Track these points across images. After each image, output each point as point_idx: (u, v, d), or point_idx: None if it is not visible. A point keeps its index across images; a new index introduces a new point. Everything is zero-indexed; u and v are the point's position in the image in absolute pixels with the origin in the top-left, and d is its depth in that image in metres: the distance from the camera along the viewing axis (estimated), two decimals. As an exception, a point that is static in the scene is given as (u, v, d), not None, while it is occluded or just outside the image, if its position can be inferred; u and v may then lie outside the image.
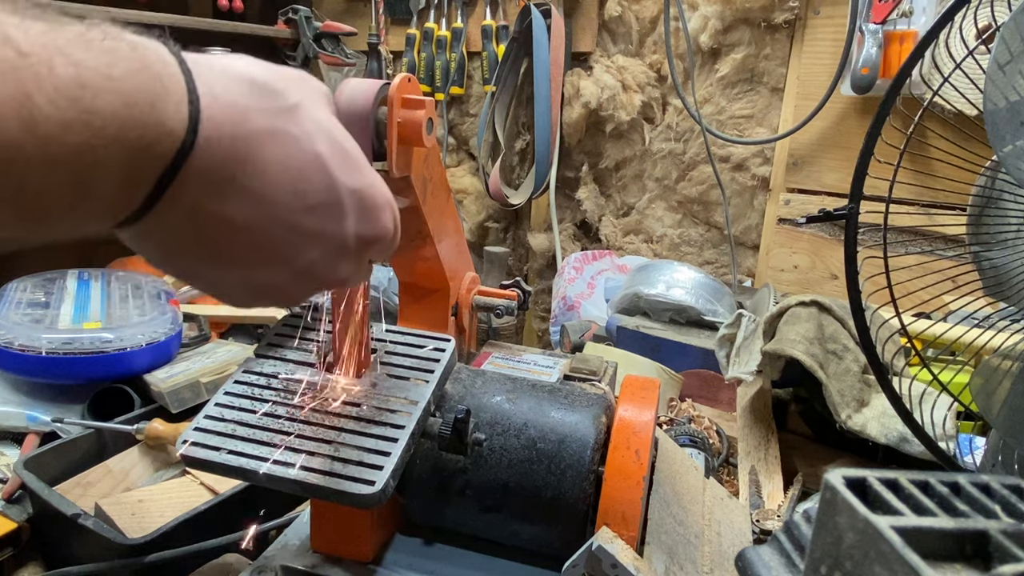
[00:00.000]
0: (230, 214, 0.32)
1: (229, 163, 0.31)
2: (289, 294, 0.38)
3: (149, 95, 0.28)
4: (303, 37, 1.95)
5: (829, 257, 1.57)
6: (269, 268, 0.35)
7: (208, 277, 0.36)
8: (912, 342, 0.68)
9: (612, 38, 1.81)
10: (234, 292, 0.37)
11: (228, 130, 0.31)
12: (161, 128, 0.29)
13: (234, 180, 0.32)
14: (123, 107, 0.27)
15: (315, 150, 0.34)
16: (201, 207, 0.32)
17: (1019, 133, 0.54)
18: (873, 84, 1.35)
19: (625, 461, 0.52)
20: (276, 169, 0.33)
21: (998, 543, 0.21)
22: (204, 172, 0.31)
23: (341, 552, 0.56)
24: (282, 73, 0.35)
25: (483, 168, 1.95)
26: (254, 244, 0.34)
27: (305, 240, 0.35)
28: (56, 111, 0.25)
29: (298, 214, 0.34)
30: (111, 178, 0.28)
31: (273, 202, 0.33)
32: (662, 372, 1.09)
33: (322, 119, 0.36)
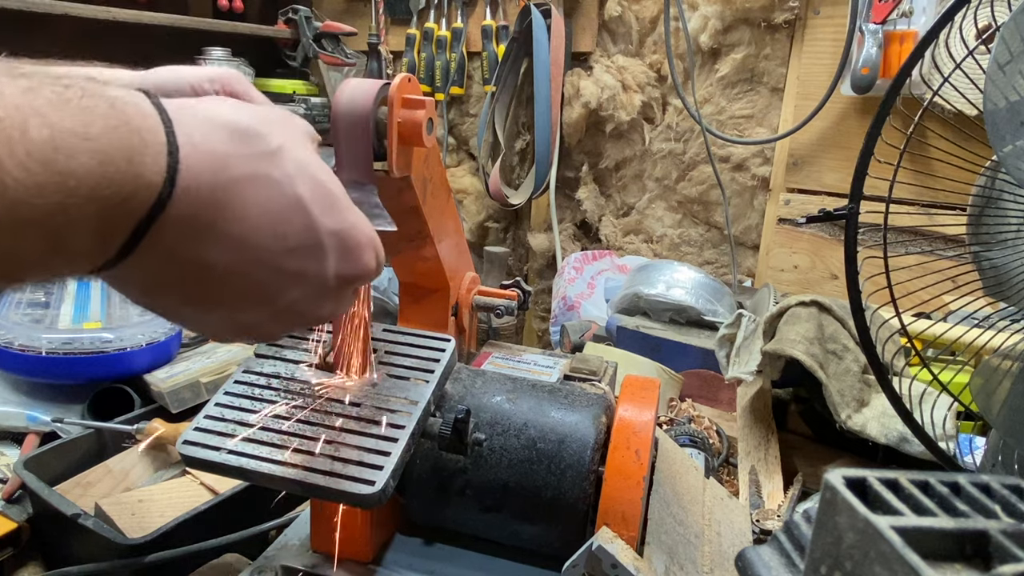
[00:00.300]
0: (210, 259, 0.33)
1: (208, 210, 0.32)
2: (270, 332, 0.39)
3: (126, 151, 0.28)
4: (303, 37, 1.95)
5: (829, 257, 1.57)
6: (250, 309, 0.36)
7: (189, 317, 0.36)
8: (912, 342, 0.68)
9: (612, 38, 1.81)
10: (216, 330, 0.37)
11: (207, 178, 0.31)
12: (139, 181, 0.29)
13: (213, 227, 0.32)
14: (98, 165, 0.27)
15: (295, 193, 0.35)
16: (179, 253, 0.32)
17: (1019, 133, 0.54)
18: (873, 84, 1.35)
19: (625, 461, 0.52)
20: (256, 213, 0.33)
21: (998, 543, 0.21)
22: (182, 220, 0.31)
23: (341, 552, 0.56)
24: (265, 116, 0.36)
25: (483, 168, 1.95)
26: (234, 287, 0.34)
27: (286, 281, 0.36)
28: (27, 175, 0.25)
29: (278, 256, 0.35)
30: (84, 232, 0.28)
31: (253, 246, 0.34)
32: (662, 372, 1.09)
33: (305, 160, 0.36)
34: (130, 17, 1.61)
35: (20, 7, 1.45)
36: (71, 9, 1.53)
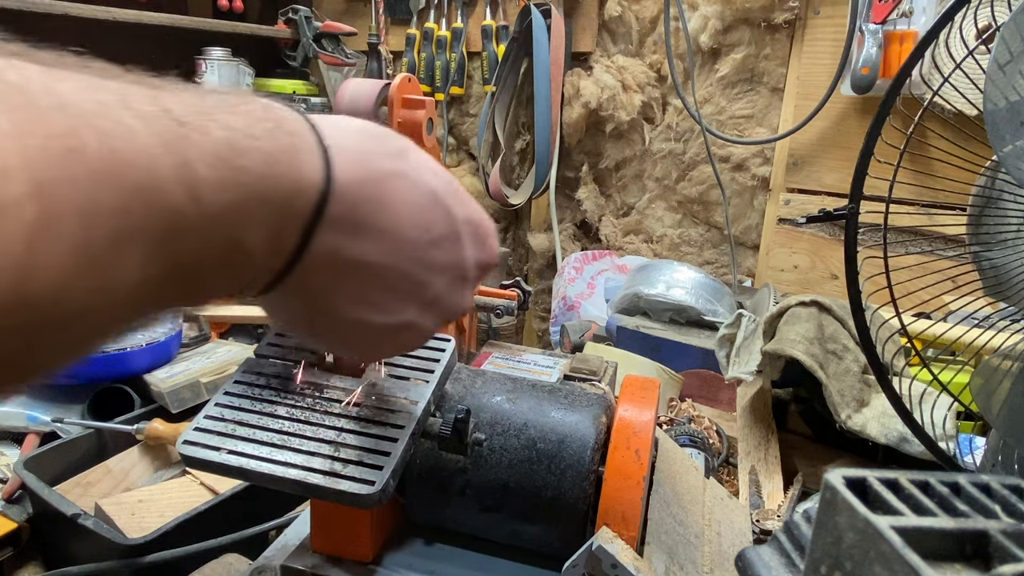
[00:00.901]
0: (367, 256, 0.34)
1: (361, 205, 0.33)
2: (422, 330, 0.39)
3: (287, 151, 0.29)
4: (303, 37, 1.95)
5: (829, 257, 1.57)
6: (403, 306, 0.37)
7: (348, 328, 0.37)
8: (912, 342, 0.68)
9: (612, 38, 1.81)
10: (376, 342, 0.38)
11: (357, 175, 0.32)
12: (301, 181, 0.30)
13: (368, 222, 0.33)
14: (266, 165, 0.28)
15: (430, 186, 0.36)
16: (341, 252, 0.33)
17: (1019, 133, 0.54)
18: (873, 84, 1.35)
19: (625, 461, 0.52)
20: (401, 207, 0.34)
21: (998, 543, 0.21)
22: (341, 217, 0.32)
23: (341, 552, 0.56)
24: (379, 125, 0.37)
25: (483, 168, 1.94)
26: (389, 283, 0.35)
27: (433, 272, 0.37)
28: (213, 173, 0.25)
29: (424, 248, 0.36)
30: (260, 236, 0.29)
31: (404, 240, 0.35)
32: (662, 372, 1.09)
33: (426, 158, 0.37)
34: (130, 17, 1.61)
35: (20, 7, 1.46)
36: (71, 9, 1.53)
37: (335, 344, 0.42)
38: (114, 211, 0.22)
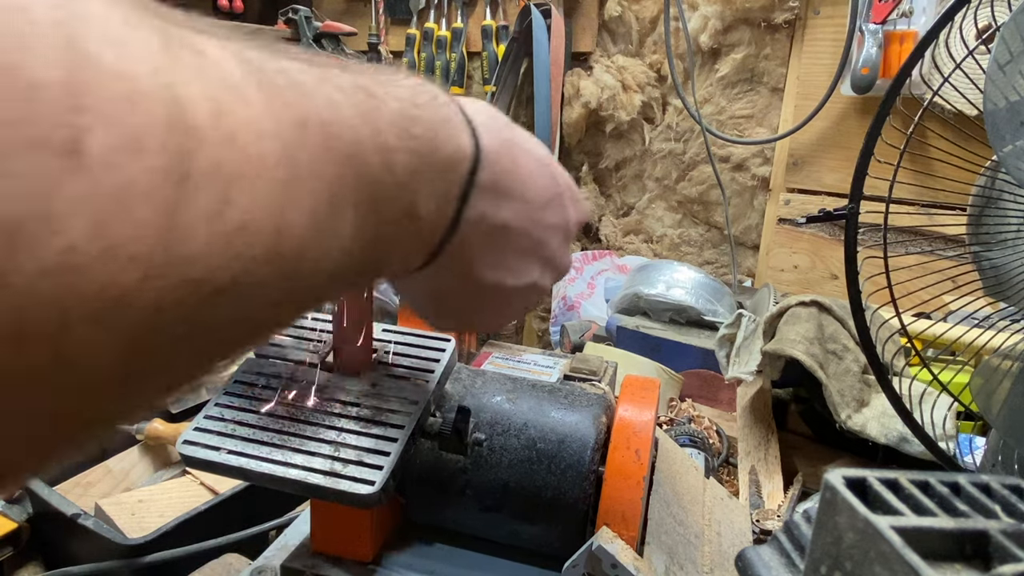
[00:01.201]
0: (507, 220, 0.36)
1: (500, 172, 0.35)
2: (542, 290, 0.41)
3: (444, 121, 0.31)
4: (303, 37, 1.95)
5: (829, 257, 1.57)
6: (530, 266, 0.39)
7: (484, 296, 0.39)
8: (912, 342, 0.68)
9: (612, 38, 1.81)
10: (503, 303, 0.40)
11: (494, 143, 0.34)
12: (458, 148, 0.31)
13: (506, 187, 0.35)
14: (432, 132, 0.29)
15: (539, 154, 0.39)
16: (487, 218, 0.34)
17: (1019, 133, 0.54)
18: (873, 84, 1.35)
19: (625, 461, 0.52)
20: (525, 172, 0.37)
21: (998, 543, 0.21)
22: (487, 184, 0.34)
23: (341, 552, 0.56)
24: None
25: (483, 168, 1.94)
26: (521, 246, 0.38)
27: (548, 232, 0.39)
28: (399, 142, 0.27)
29: (542, 210, 0.38)
30: (431, 204, 0.30)
31: (529, 202, 0.37)
32: (662, 372, 1.09)
33: (524, 131, 0.40)
34: (130, 17, 1.61)
35: (20, 7, 1.45)
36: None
37: (465, 317, 0.43)
38: (332, 180, 0.23)
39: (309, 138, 0.22)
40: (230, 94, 0.19)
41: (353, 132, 0.24)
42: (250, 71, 0.21)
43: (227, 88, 0.19)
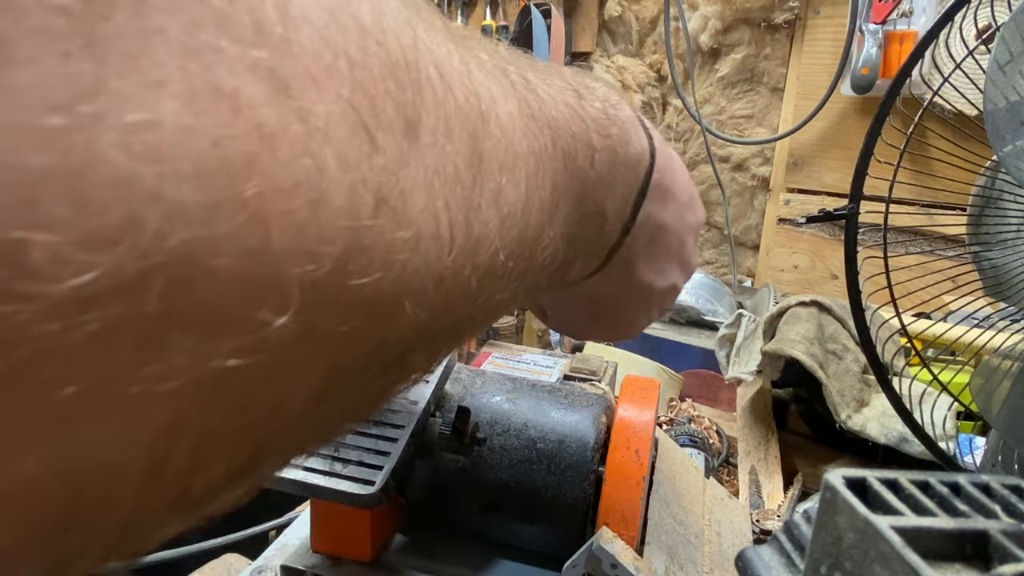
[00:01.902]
0: (666, 219, 0.36)
1: (664, 172, 0.35)
2: (678, 291, 0.42)
3: (629, 121, 0.31)
4: (303, 37, 1.95)
5: (829, 257, 1.57)
6: (673, 267, 0.40)
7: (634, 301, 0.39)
8: (912, 342, 0.68)
9: (612, 38, 1.81)
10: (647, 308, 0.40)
11: (659, 143, 0.35)
12: (642, 148, 0.32)
13: (668, 187, 0.36)
14: (624, 133, 0.30)
15: (676, 158, 0.39)
16: (652, 218, 0.35)
17: (1019, 133, 0.54)
18: (873, 84, 1.35)
19: (625, 461, 0.52)
20: (679, 172, 0.37)
21: (998, 543, 0.21)
22: (656, 183, 0.34)
23: (341, 552, 0.56)
24: None
25: (483, 168, 1.94)
26: (671, 247, 0.38)
27: (689, 232, 0.40)
28: (600, 141, 0.28)
29: (685, 210, 0.39)
30: (616, 204, 0.31)
31: (679, 203, 0.38)
32: (662, 372, 1.09)
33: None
34: (130, 17, 1.62)
35: (20, 7, 1.46)
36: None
37: (620, 325, 0.44)
38: (557, 172, 0.24)
39: (542, 134, 0.23)
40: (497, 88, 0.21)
41: (569, 128, 0.25)
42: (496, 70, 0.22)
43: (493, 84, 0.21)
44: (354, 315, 0.14)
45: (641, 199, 0.33)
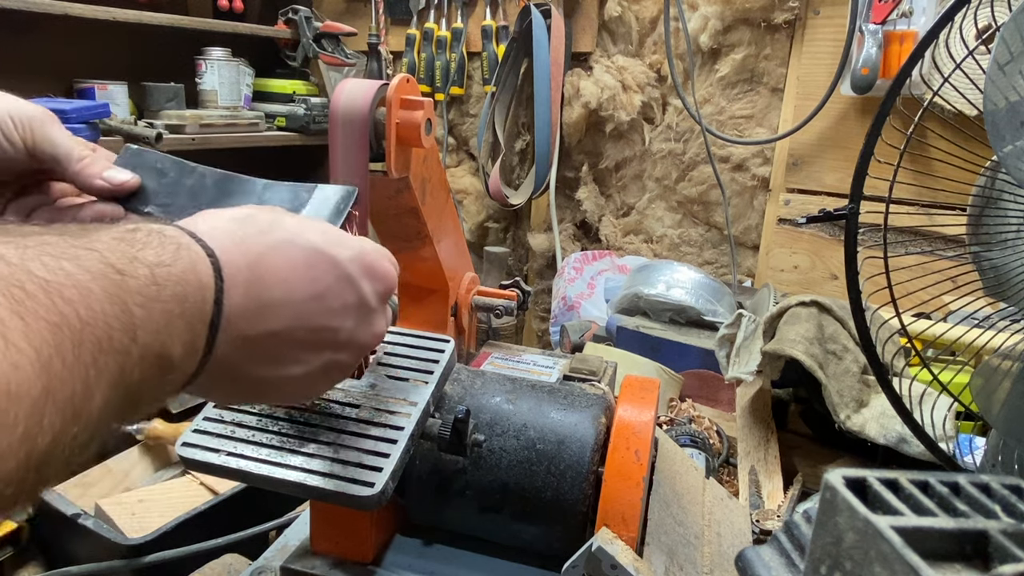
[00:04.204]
0: (270, 326, 0.37)
1: (253, 287, 0.36)
2: (345, 365, 0.42)
3: (189, 267, 0.32)
4: (303, 37, 1.95)
5: (829, 257, 1.57)
6: (318, 353, 0.40)
7: (276, 388, 0.40)
8: (912, 342, 0.68)
9: (612, 38, 1.81)
10: (303, 387, 0.41)
11: (241, 262, 0.36)
12: (202, 288, 0.33)
13: (261, 299, 0.36)
14: (179, 286, 0.31)
15: (308, 241, 0.39)
16: (246, 332, 0.36)
17: (1019, 133, 0.54)
18: (873, 84, 1.35)
19: (625, 462, 0.52)
20: (287, 273, 0.38)
21: (998, 543, 0.21)
22: (238, 304, 0.35)
23: (341, 553, 0.56)
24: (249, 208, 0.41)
25: (483, 168, 1.95)
26: (298, 340, 0.38)
27: (337, 317, 0.40)
28: (144, 312, 0.29)
29: (321, 299, 0.39)
30: (181, 346, 0.32)
31: (300, 299, 0.38)
32: (662, 372, 1.08)
33: (295, 219, 0.41)
34: (130, 17, 1.61)
35: (20, 7, 1.45)
36: (71, 9, 1.53)
37: (269, 400, 0.46)
38: (86, 367, 0.26)
39: (63, 339, 0.25)
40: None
41: (105, 319, 0.27)
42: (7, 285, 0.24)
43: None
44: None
45: (214, 332, 0.34)
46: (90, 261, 0.28)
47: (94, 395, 0.27)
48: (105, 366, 0.27)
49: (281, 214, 0.40)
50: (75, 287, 0.26)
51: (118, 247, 0.30)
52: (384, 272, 0.43)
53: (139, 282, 0.29)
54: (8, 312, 0.24)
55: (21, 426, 0.23)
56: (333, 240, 0.40)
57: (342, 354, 0.41)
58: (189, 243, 0.34)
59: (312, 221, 0.41)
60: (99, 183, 0.47)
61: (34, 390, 0.24)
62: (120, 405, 0.29)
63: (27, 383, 0.23)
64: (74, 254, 0.28)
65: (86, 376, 0.26)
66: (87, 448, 0.28)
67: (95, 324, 0.27)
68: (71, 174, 0.46)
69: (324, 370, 0.41)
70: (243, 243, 0.36)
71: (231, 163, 0.53)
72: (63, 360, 0.25)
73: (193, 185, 0.48)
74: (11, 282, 0.24)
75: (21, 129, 0.44)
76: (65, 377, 0.25)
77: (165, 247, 0.32)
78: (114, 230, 0.31)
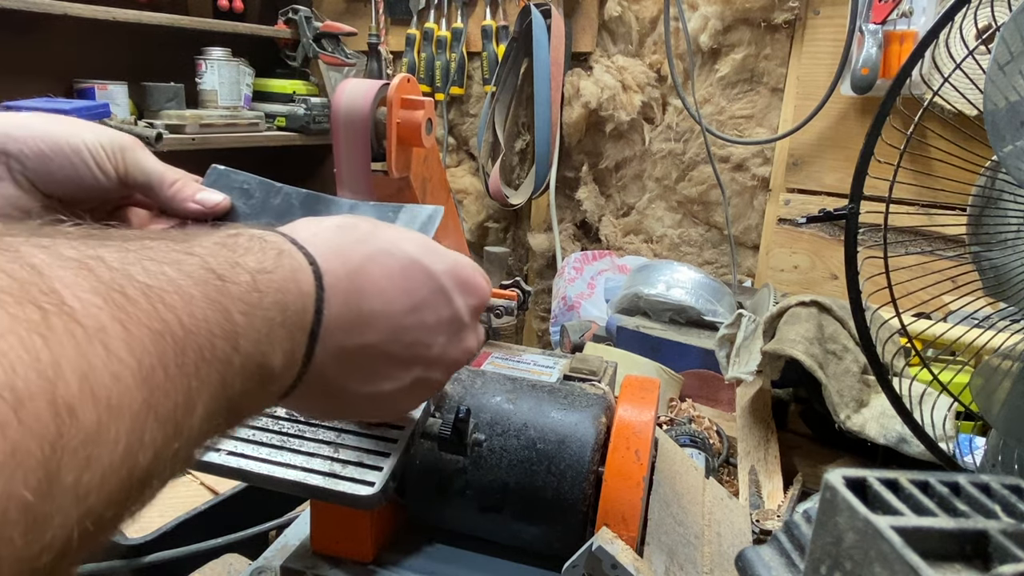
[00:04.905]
0: (368, 340, 0.36)
1: (352, 297, 0.36)
2: (434, 382, 0.42)
3: (290, 276, 0.32)
4: (303, 37, 1.95)
5: (829, 257, 1.57)
6: (409, 369, 0.39)
7: (366, 404, 0.40)
8: (912, 342, 0.68)
9: (612, 38, 1.81)
10: (391, 404, 0.41)
11: (341, 271, 0.35)
12: (303, 296, 0.33)
13: (360, 310, 0.36)
14: (280, 294, 0.31)
15: (405, 252, 0.39)
16: (343, 345, 0.35)
17: (1019, 133, 0.54)
18: (873, 84, 1.35)
19: (625, 461, 0.52)
20: (384, 284, 0.37)
21: (998, 543, 0.21)
22: (337, 314, 0.35)
23: (341, 553, 0.56)
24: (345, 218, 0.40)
25: (483, 168, 1.95)
26: (392, 354, 0.38)
27: (430, 331, 0.39)
28: (246, 319, 0.28)
29: (416, 312, 0.38)
30: (281, 355, 0.31)
31: (395, 312, 0.37)
32: (662, 372, 1.09)
33: (395, 229, 0.40)
34: (130, 17, 1.61)
35: (20, 7, 1.45)
36: (71, 9, 1.53)
37: (357, 416, 0.46)
38: (188, 378, 0.25)
39: (166, 346, 0.24)
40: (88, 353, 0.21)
41: (207, 326, 0.26)
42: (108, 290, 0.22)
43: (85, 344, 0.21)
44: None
45: (313, 342, 0.33)
46: (191, 266, 0.27)
47: (196, 407, 0.26)
48: (207, 376, 0.26)
49: (379, 224, 0.40)
50: (177, 293, 0.25)
51: (219, 252, 0.29)
52: (477, 286, 0.42)
53: (240, 288, 0.28)
54: (109, 318, 0.22)
55: (123, 442, 0.22)
56: (429, 251, 0.40)
57: (433, 371, 0.41)
58: (291, 249, 0.33)
59: (408, 232, 0.41)
60: (192, 206, 0.46)
61: (135, 403, 0.22)
62: (221, 418, 0.28)
63: (128, 396, 0.22)
64: (175, 259, 0.27)
65: (188, 387, 0.25)
66: (187, 463, 0.27)
67: (197, 332, 0.25)
68: (164, 198, 0.46)
69: (413, 387, 0.40)
70: (343, 251, 0.36)
71: (231, 163, 0.53)
72: (165, 371, 0.24)
73: (279, 204, 0.48)
74: (112, 286, 0.23)
75: (112, 158, 0.44)
76: (167, 389, 0.24)
77: (266, 253, 0.31)
78: (215, 235, 0.31)
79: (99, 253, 0.24)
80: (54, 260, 0.22)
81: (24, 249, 0.22)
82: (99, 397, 0.20)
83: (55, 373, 0.19)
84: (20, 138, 0.42)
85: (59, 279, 0.21)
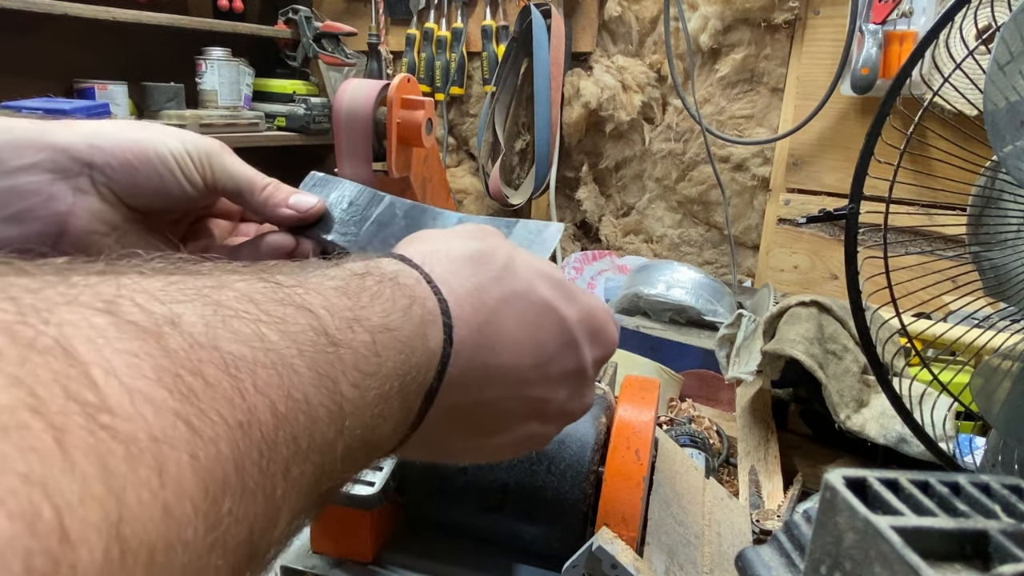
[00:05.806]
0: (486, 396, 0.32)
1: (479, 352, 0.31)
2: (547, 437, 0.38)
3: (418, 331, 0.27)
4: (303, 37, 1.96)
5: (829, 257, 1.57)
6: (527, 424, 0.35)
7: (472, 452, 0.36)
8: (912, 342, 0.68)
9: (612, 38, 1.81)
10: (495, 455, 0.37)
11: (473, 321, 0.31)
12: (428, 355, 0.28)
13: (486, 366, 0.31)
14: (403, 355, 0.26)
15: (541, 297, 0.34)
16: (459, 403, 0.31)
17: (1019, 133, 0.54)
18: (873, 84, 1.35)
19: (625, 461, 0.52)
20: (516, 335, 0.33)
21: (998, 543, 0.21)
22: (460, 373, 0.30)
23: (341, 552, 0.56)
24: (477, 230, 0.35)
25: (483, 168, 1.95)
26: (510, 412, 0.34)
27: (553, 387, 0.35)
28: (356, 392, 0.23)
29: (543, 367, 0.34)
30: (391, 425, 0.27)
31: (521, 368, 0.33)
32: (662, 372, 1.09)
33: (528, 259, 0.35)
34: (130, 17, 1.62)
35: (20, 7, 1.46)
36: (71, 9, 1.53)
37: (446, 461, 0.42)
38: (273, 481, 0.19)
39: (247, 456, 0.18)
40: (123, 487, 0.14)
41: (309, 409, 0.21)
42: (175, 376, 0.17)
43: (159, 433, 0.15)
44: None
45: (428, 406, 0.29)
46: (299, 326, 0.22)
47: (278, 519, 0.20)
48: (300, 476, 0.20)
49: (512, 253, 0.35)
50: (275, 368, 0.20)
51: (338, 303, 0.24)
52: (608, 338, 0.38)
53: (355, 356, 0.23)
54: (171, 420, 0.16)
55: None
56: (564, 295, 0.35)
57: (548, 426, 0.37)
58: (424, 297, 0.28)
59: (540, 262, 0.36)
60: (286, 211, 0.42)
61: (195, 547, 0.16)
62: (307, 515, 0.23)
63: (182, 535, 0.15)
64: (280, 315, 0.21)
65: (272, 495, 0.19)
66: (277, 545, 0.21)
67: (294, 420, 0.20)
68: (256, 204, 0.42)
69: (524, 441, 0.36)
70: (478, 294, 0.31)
71: (231, 163, 0.53)
72: (242, 484, 0.18)
73: (380, 215, 0.45)
74: (183, 366, 0.17)
75: (199, 165, 0.41)
76: (241, 514, 0.18)
77: (396, 302, 0.26)
78: (336, 274, 0.25)
79: (176, 313, 0.18)
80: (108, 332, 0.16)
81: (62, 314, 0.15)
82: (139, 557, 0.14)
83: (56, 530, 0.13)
84: (106, 148, 0.38)
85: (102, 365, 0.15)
